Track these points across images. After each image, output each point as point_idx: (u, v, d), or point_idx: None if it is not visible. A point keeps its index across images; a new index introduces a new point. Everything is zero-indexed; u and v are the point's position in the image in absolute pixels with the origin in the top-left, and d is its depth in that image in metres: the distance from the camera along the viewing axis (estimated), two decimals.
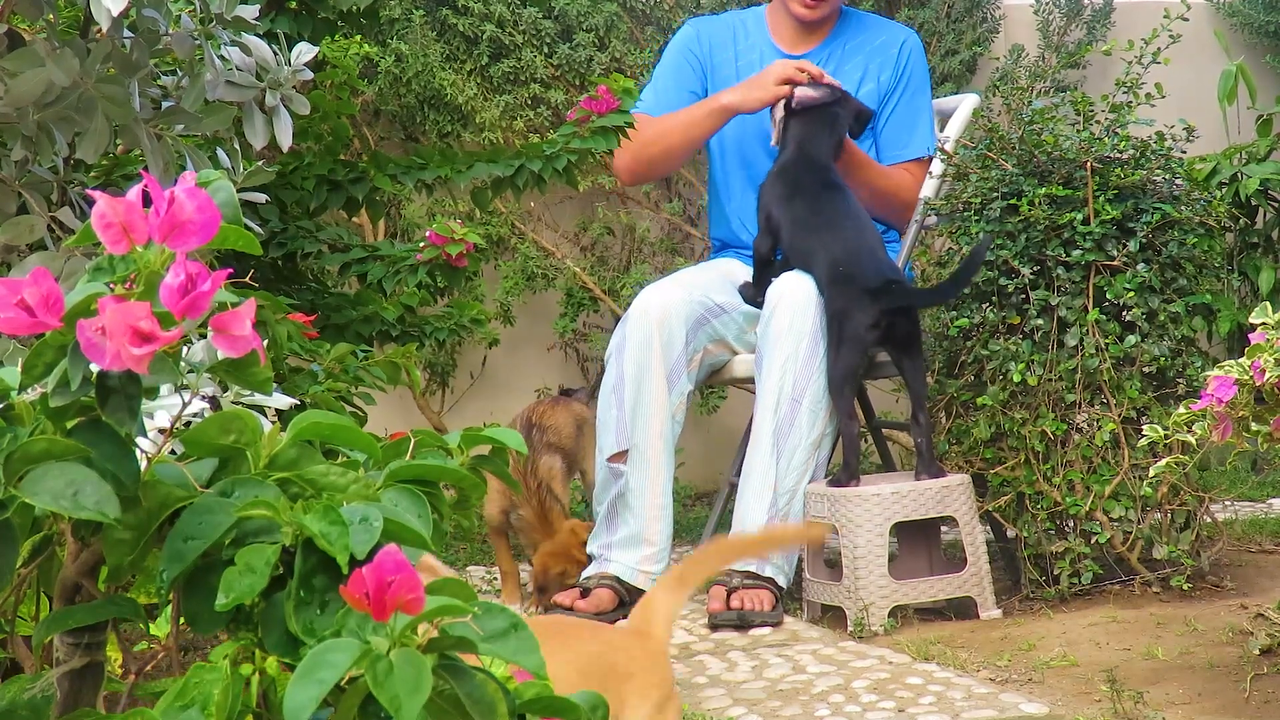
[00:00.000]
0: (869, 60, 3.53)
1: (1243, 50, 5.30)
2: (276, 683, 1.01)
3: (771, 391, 3.14)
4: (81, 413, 1.00)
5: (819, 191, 3.22)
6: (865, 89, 3.50)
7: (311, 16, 3.14)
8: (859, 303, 3.06)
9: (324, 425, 1.09)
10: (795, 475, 3.13)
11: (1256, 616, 2.79)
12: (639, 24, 4.97)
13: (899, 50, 3.53)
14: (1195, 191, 3.20)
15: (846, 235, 3.16)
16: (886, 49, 3.54)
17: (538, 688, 0.97)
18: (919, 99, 3.54)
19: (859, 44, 3.55)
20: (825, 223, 3.19)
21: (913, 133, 3.52)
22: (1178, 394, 3.04)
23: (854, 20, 3.60)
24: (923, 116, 3.54)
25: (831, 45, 3.56)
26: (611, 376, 3.28)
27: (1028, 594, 3.11)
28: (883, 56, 3.53)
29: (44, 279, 0.96)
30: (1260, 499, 4.12)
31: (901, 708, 2.40)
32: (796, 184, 3.24)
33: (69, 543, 1.06)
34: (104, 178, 2.61)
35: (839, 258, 3.12)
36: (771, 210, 3.26)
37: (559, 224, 5.00)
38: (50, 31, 2.01)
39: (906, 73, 3.53)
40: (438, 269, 3.45)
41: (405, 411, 4.76)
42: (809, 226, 3.20)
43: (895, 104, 3.52)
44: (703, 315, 3.32)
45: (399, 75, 4.72)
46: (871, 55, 3.53)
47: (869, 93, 3.50)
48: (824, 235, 3.17)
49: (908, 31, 3.61)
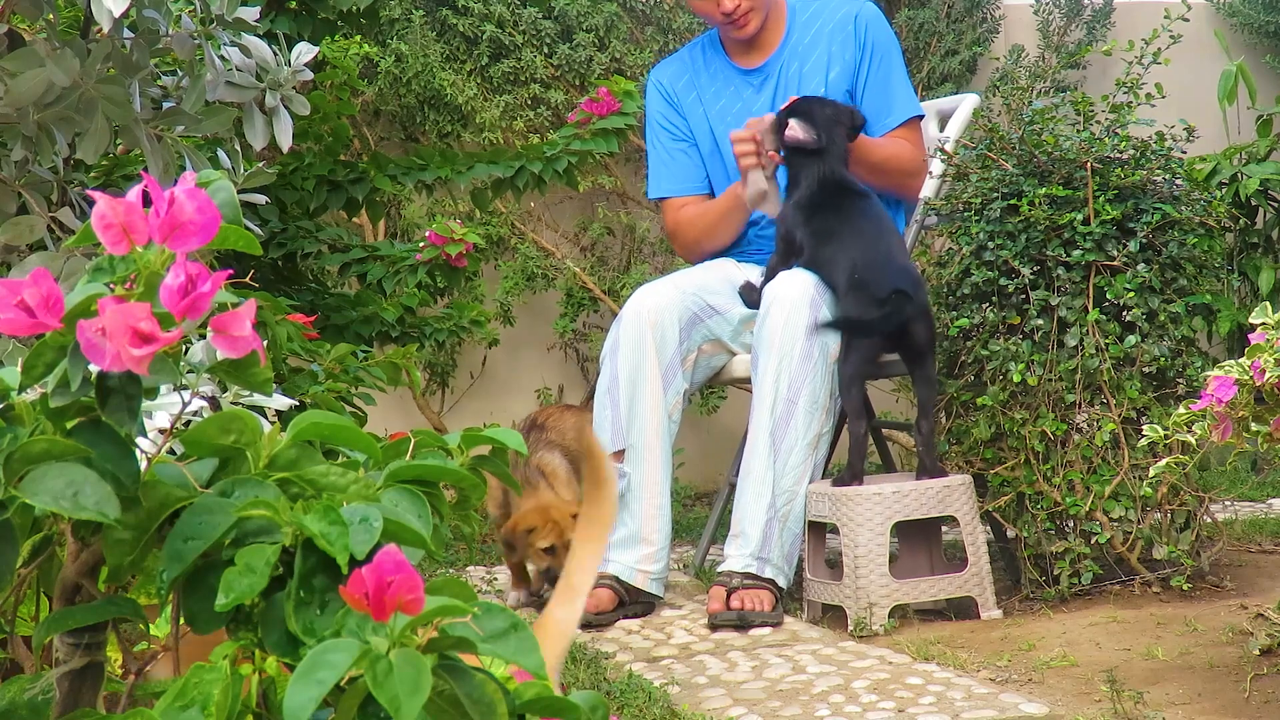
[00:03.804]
0: (830, 43, 3.49)
1: (1243, 50, 5.30)
2: (276, 683, 1.01)
3: (767, 392, 3.14)
4: (81, 413, 1.00)
5: (839, 202, 3.21)
6: (834, 72, 3.47)
7: (311, 16, 3.15)
8: (873, 310, 3.05)
9: (324, 425, 1.09)
10: (793, 475, 3.13)
11: (1256, 616, 2.79)
12: (639, 24, 4.97)
13: (854, 24, 3.50)
14: (1195, 191, 3.20)
15: (865, 240, 3.14)
16: (843, 26, 3.50)
17: (538, 688, 0.97)
18: (887, 64, 3.50)
19: (815, 33, 3.52)
20: (845, 229, 3.17)
21: (891, 98, 3.49)
22: (1178, 394, 3.04)
23: (804, 10, 3.56)
24: (896, 79, 3.50)
25: (788, 46, 3.53)
26: (606, 377, 3.28)
27: (1028, 594, 3.11)
28: (841, 36, 3.49)
29: (44, 279, 0.96)
30: (1260, 499, 4.12)
31: (901, 708, 2.40)
32: (816, 206, 3.22)
33: (69, 543, 1.06)
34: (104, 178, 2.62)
35: (857, 263, 3.11)
36: (794, 235, 3.24)
37: (559, 224, 5.00)
38: (50, 31, 2.02)
39: (868, 42, 3.49)
40: (437, 269, 3.45)
41: (405, 412, 4.77)
42: (831, 235, 3.19)
43: (866, 76, 3.48)
44: (696, 315, 3.32)
45: (399, 75, 4.72)
46: (830, 39, 3.50)
47: (838, 75, 3.47)
48: (845, 240, 3.16)
49: (859, 2, 3.55)
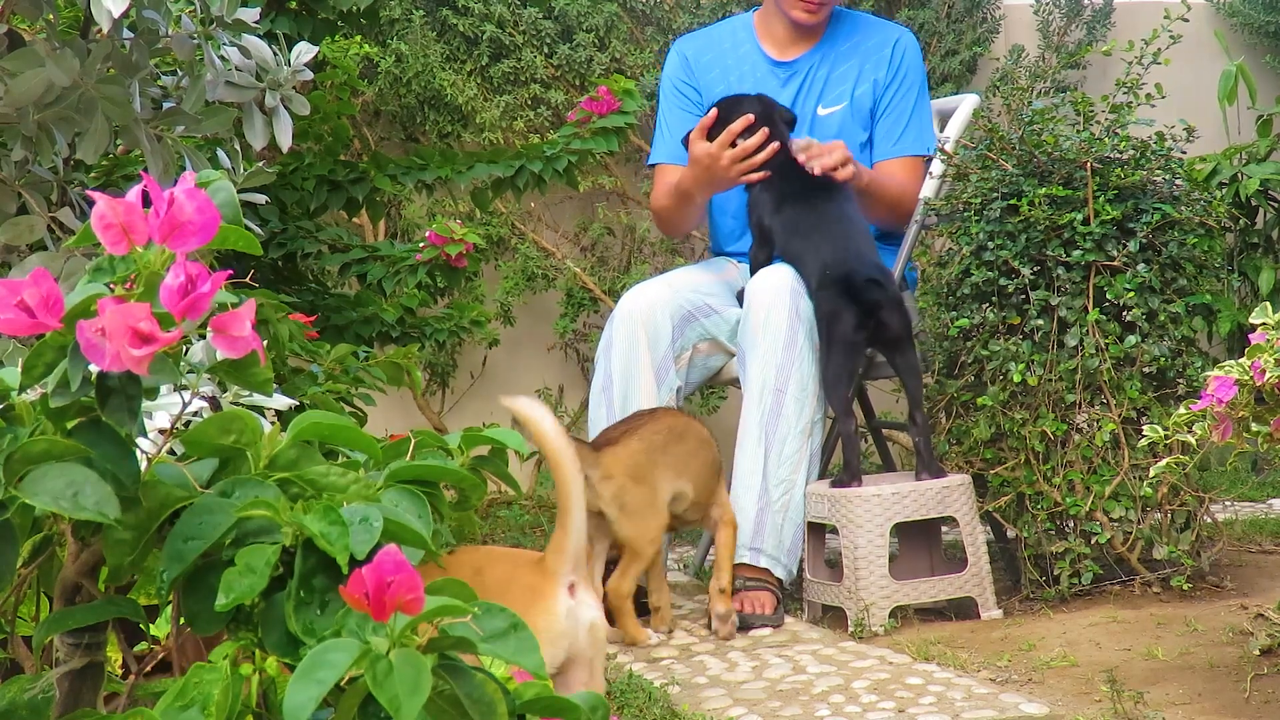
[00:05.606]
0: (863, 62, 3.52)
1: (1243, 50, 5.30)
2: (276, 683, 1.01)
3: (755, 385, 3.16)
4: (81, 413, 1.00)
5: (808, 195, 3.22)
6: (860, 90, 3.50)
7: (311, 17, 3.15)
8: (845, 304, 3.07)
9: (324, 426, 1.09)
10: (789, 465, 3.13)
11: (1256, 616, 2.79)
12: (639, 24, 4.97)
13: (892, 49, 3.52)
14: (1195, 192, 3.20)
15: (835, 237, 3.15)
16: (880, 49, 3.53)
17: (538, 688, 0.97)
18: (912, 95, 3.52)
19: (852, 46, 3.54)
20: (815, 226, 3.19)
21: (906, 127, 3.50)
22: (1178, 394, 3.04)
23: (847, 22, 3.59)
24: (919, 114, 3.52)
25: (824, 49, 3.55)
26: (600, 376, 3.29)
27: (1028, 594, 3.11)
28: (876, 56, 3.52)
29: (44, 280, 0.96)
30: (1260, 499, 4.12)
31: (901, 708, 2.40)
32: (783, 193, 3.24)
33: (69, 543, 1.06)
34: (104, 178, 2.62)
35: (827, 260, 3.12)
36: (763, 220, 3.27)
37: (559, 224, 5.00)
38: (50, 31, 2.02)
39: (901, 70, 3.51)
40: (437, 269, 3.45)
41: (405, 412, 4.77)
42: (799, 230, 3.20)
43: (889, 100, 3.50)
44: (690, 313, 3.33)
45: (399, 75, 4.72)
46: (865, 56, 3.52)
47: (863, 93, 3.49)
48: (814, 238, 3.18)
49: (901, 30, 3.59)
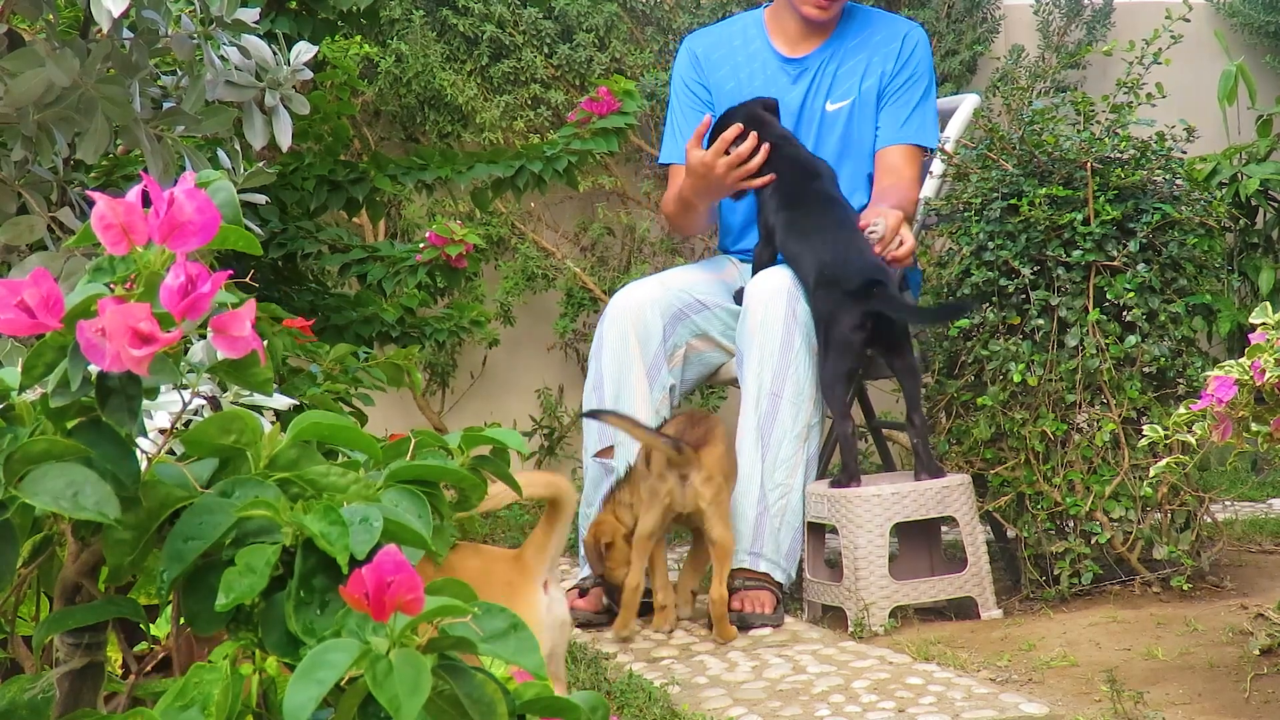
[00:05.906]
0: (871, 55, 3.51)
1: (1243, 50, 5.30)
2: (276, 683, 1.01)
3: (751, 388, 3.16)
4: (81, 413, 1.00)
5: (813, 199, 3.23)
6: (867, 84, 3.49)
7: (311, 16, 3.14)
8: (843, 305, 3.06)
9: (324, 426, 1.09)
10: (785, 468, 3.13)
11: (1256, 616, 2.79)
12: (639, 24, 4.97)
13: (901, 42, 3.52)
14: (1195, 192, 3.20)
15: (834, 240, 3.15)
16: (888, 42, 3.52)
17: (538, 688, 0.97)
18: (919, 88, 3.51)
19: (861, 41, 3.54)
20: (815, 227, 3.19)
21: (910, 117, 3.49)
22: (1178, 394, 3.04)
23: (858, 17, 3.59)
24: (924, 106, 3.50)
25: (834, 45, 3.54)
26: (593, 375, 3.30)
27: (1028, 594, 3.11)
28: (885, 50, 3.51)
29: (44, 280, 0.96)
30: (1260, 499, 4.11)
31: (901, 708, 2.40)
32: (792, 195, 3.24)
33: (69, 543, 1.06)
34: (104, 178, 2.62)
35: (825, 262, 3.12)
36: (769, 219, 3.28)
37: (559, 224, 5.00)
38: (50, 31, 2.02)
39: (910, 63, 3.51)
40: (437, 269, 3.45)
41: (405, 412, 4.77)
42: (799, 231, 3.21)
43: (896, 90, 3.49)
44: (681, 310, 3.33)
45: (399, 75, 4.72)
46: (874, 50, 3.52)
47: (870, 87, 3.49)
48: (813, 239, 3.17)
49: (912, 25, 3.59)
